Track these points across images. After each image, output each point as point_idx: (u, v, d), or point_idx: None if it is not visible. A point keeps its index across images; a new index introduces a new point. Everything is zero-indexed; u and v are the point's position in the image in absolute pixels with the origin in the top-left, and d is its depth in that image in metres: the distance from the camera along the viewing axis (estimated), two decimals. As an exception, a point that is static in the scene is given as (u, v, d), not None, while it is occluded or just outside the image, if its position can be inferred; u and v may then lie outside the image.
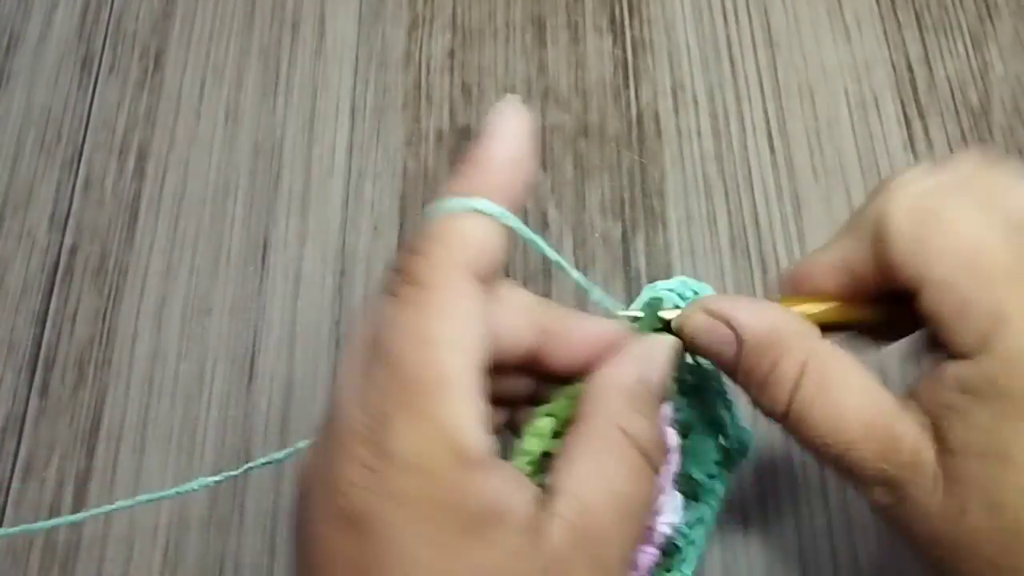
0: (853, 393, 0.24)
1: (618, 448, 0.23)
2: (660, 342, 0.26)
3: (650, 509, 0.25)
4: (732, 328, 0.25)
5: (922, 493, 0.23)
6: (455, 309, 0.21)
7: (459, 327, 0.21)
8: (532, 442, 0.24)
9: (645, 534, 0.26)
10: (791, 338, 0.25)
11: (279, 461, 0.33)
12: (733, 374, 0.26)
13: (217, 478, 0.35)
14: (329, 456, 0.21)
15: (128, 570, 0.40)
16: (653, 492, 0.24)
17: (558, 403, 0.25)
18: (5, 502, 0.42)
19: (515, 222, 0.23)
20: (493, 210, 0.23)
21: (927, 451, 0.23)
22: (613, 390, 0.24)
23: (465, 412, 0.21)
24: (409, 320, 0.21)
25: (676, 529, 0.28)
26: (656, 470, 0.24)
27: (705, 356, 0.27)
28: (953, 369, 0.23)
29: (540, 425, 0.25)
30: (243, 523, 0.41)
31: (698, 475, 0.33)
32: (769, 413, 0.25)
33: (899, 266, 0.24)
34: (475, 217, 0.23)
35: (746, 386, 0.26)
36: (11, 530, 0.39)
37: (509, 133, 0.24)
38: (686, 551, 0.33)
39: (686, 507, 0.31)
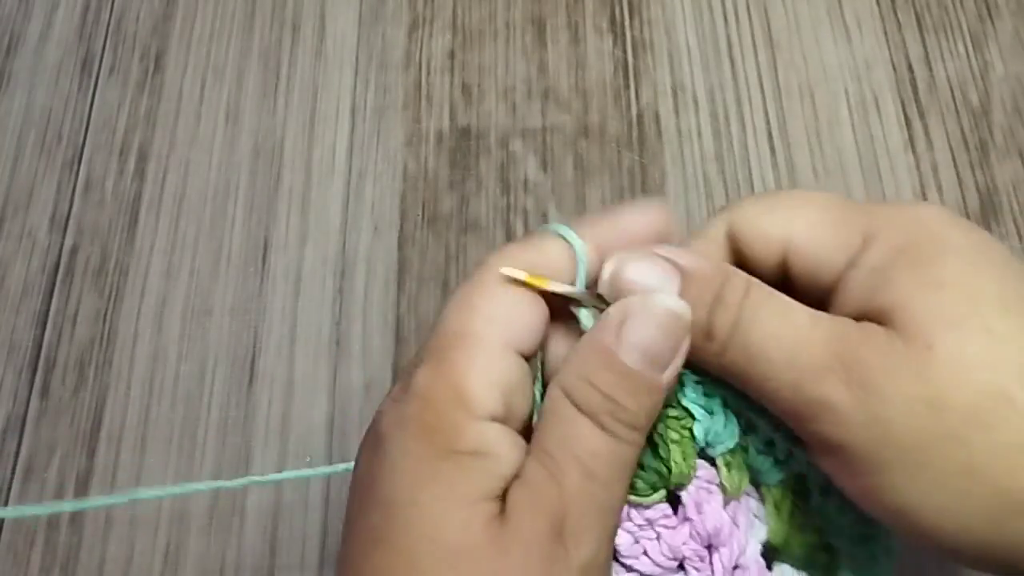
0: (791, 319, 0.25)
1: (561, 410, 0.25)
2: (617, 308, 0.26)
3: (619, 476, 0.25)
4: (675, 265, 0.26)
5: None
6: (499, 289, 0.25)
7: (498, 305, 0.25)
8: None
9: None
10: (731, 269, 0.26)
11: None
12: None
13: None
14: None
15: (128, 570, 0.40)
16: (615, 458, 0.24)
17: None
18: (6, 503, 0.42)
19: (582, 253, 0.26)
20: (572, 239, 0.26)
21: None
22: (564, 358, 0.26)
23: (479, 369, 0.24)
24: (464, 291, 0.25)
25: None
26: (619, 434, 0.24)
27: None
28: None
29: None
30: (243, 523, 0.41)
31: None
32: (707, 345, 0.26)
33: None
34: (555, 239, 0.26)
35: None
36: (31, 509, 0.40)
37: (647, 220, 0.27)
38: None
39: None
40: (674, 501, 0.28)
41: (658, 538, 0.28)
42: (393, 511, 0.23)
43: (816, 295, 0.27)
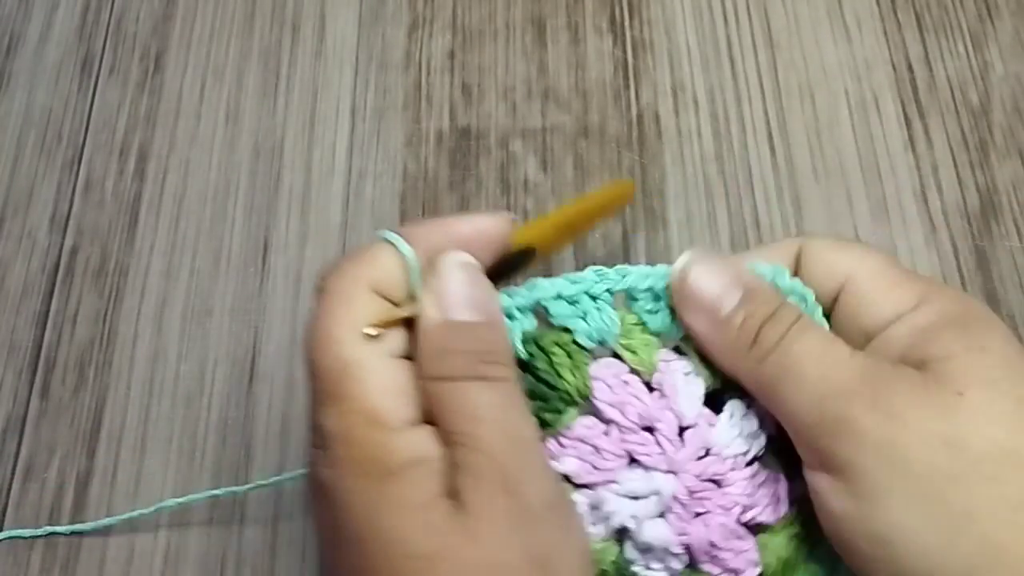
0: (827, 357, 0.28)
1: (440, 394, 0.26)
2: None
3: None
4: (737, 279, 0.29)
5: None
6: (351, 311, 0.26)
7: (359, 320, 0.26)
8: None
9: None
10: (787, 300, 0.30)
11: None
12: (714, 324, 0.29)
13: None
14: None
15: (129, 571, 0.40)
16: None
17: None
18: (6, 504, 0.42)
19: (413, 260, 0.27)
20: (401, 245, 0.27)
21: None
22: (417, 359, 0.27)
23: (374, 389, 0.25)
24: (320, 324, 0.26)
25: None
26: (491, 375, 0.26)
27: (699, 302, 0.30)
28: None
29: None
30: (244, 524, 0.41)
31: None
32: (749, 352, 0.28)
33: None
34: (386, 248, 0.27)
35: (733, 333, 0.29)
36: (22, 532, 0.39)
37: (476, 225, 0.29)
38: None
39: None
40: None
41: (596, 449, 0.30)
42: (364, 547, 0.24)
43: (852, 337, 0.29)
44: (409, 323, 0.27)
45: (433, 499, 0.25)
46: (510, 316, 0.30)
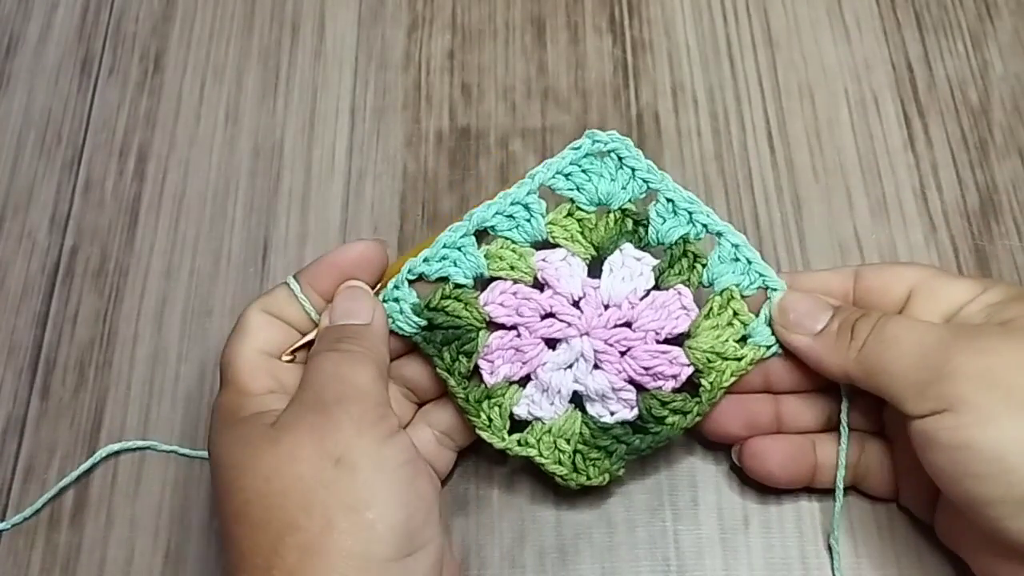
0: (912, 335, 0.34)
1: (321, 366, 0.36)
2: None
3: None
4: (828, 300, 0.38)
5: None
6: (258, 330, 0.37)
7: (251, 339, 0.37)
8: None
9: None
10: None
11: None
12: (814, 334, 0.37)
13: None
14: None
15: (128, 570, 0.40)
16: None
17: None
18: (6, 503, 0.42)
19: (297, 292, 0.38)
20: (291, 283, 0.38)
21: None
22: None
23: (244, 368, 0.36)
24: (232, 334, 0.37)
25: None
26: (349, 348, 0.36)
27: (798, 325, 0.37)
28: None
29: None
30: (244, 524, 0.41)
31: None
32: (848, 345, 0.35)
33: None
34: (284, 286, 0.38)
35: (832, 339, 0.36)
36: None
37: (356, 251, 0.38)
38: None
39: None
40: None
41: (516, 350, 0.38)
42: (215, 474, 0.34)
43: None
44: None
45: (260, 429, 0.33)
46: (395, 300, 0.38)
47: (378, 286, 0.39)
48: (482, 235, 0.39)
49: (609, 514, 0.40)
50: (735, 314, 0.38)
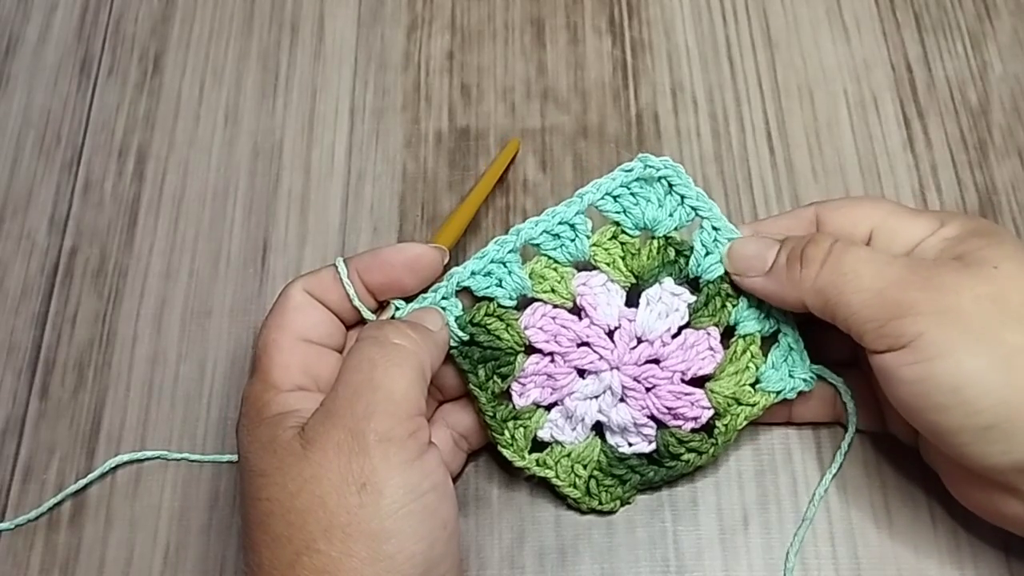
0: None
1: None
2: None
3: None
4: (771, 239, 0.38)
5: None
6: (288, 305, 0.36)
7: (290, 320, 0.36)
8: None
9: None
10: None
11: None
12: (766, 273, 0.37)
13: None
14: None
15: (128, 571, 0.40)
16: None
17: None
18: (5, 504, 0.42)
19: (345, 279, 0.37)
20: (339, 265, 0.37)
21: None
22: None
23: (277, 360, 0.35)
24: (272, 312, 0.36)
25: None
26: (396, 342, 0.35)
27: (747, 267, 0.38)
28: None
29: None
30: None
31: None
32: (802, 274, 0.35)
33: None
34: (330, 268, 0.38)
35: (783, 272, 0.36)
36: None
37: (408, 253, 0.38)
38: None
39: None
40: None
41: (549, 376, 0.38)
42: (241, 475, 0.34)
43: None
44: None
45: (286, 435, 0.33)
46: (442, 309, 0.38)
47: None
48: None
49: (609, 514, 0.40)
50: (751, 357, 0.39)
